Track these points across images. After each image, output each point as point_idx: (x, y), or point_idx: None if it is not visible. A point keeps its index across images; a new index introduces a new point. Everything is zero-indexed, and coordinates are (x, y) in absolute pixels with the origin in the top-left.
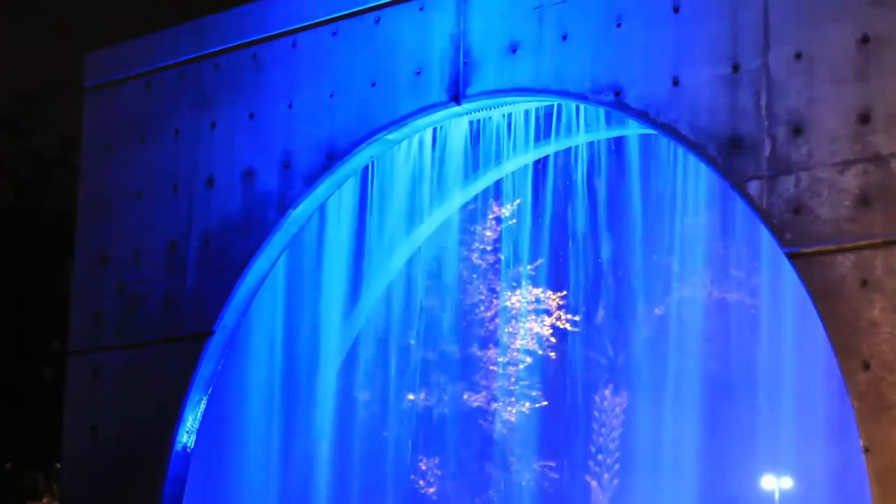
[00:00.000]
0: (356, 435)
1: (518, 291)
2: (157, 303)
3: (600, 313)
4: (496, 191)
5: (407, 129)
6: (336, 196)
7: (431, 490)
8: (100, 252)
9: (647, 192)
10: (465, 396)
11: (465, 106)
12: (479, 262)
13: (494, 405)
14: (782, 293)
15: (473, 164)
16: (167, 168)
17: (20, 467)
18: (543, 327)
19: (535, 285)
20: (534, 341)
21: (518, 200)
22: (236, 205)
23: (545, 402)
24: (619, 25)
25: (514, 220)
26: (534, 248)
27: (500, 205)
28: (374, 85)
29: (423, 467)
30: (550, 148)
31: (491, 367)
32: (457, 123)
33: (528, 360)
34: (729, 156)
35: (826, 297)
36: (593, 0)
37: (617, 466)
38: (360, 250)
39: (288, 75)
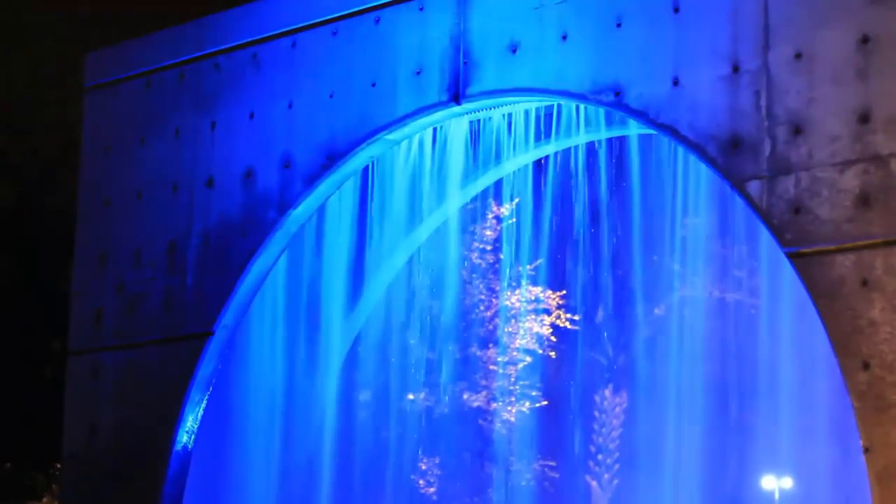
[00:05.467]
0: (356, 435)
1: (518, 291)
2: (157, 303)
3: (600, 313)
4: (496, 191)
5: (407, 129)
6: (336, 196)
7: (431, 490)
8: (100, 252)
9: (647, 192)
10: (465, 396)
11: (465, 106)
12: (479, 262)
13: (494, 405)
14: (782, 293)
15: (473, 164)
16: (167, 168)
17: (20, 467)
18: (543, 327)
19: (535, 285)
20: (534, 341)
21: (518, 200)
22: (236, 205)
23: (545, 402)
24: (619, 25)
25: (514, 220)
26: (534, 248)
27: (500, 205)
28: (374, 85)
29: (423, 467)
30: (550, 148)
31: (491, 367)
32: (457, 123)
33: (528, 359)
34: (729, 156)
35: (826, 297)
36: (593, 0)
37: (617, 466)
38: (360, 250)
39: (288, 75)
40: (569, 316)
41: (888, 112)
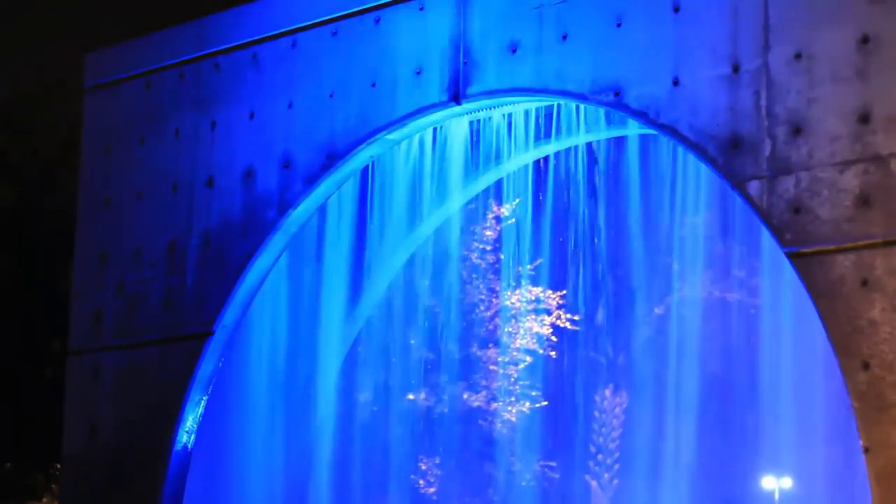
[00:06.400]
0: (356, 435)
1: (518, 291)
2: (157, 303)
3: (600, 313)
4: (496, 191)
5: (407, 129)
6: (336, 196)
7: (431, 490)
8: (100, 252)
9: (647, 192)
10: (465, 396)
11: (465, 106)
12: (479, 262)
13: (494, 405)
14: (782, 293)
15: (473, 164)
16: (167, 168)
17: (20, 467)
18: (543, 327)
19: (535, 285)
20: (534, 341)
21: (518, 200)
22: (236, 205)
23: (545, 402)
24: (619, 25)
25: (514, 220)
26: (534, 248)
27: (500, 205)
28: (374, 85)
29: (423, 467)
30: (550, 148)
31: (491, 367)
32: (457, 123)
33: (529, 359)
34: (729, 156)
35: (826, 297)
36: (593, 0)
37: (617, 466)
38: (360, 250)
39: (288, 75)
40: (569, 316)
41: (888, 112)
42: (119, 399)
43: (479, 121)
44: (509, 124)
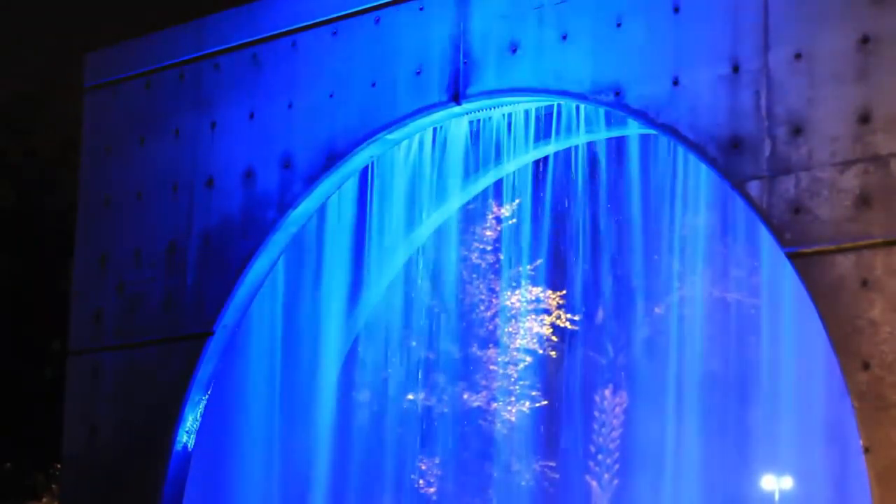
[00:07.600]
0: (356, 435)
1: (518, 291)
2: (157, 303)
3: (600, 313)
4: (496, 191)
5: (407, 128)
6: (336, 196)
7: (431, 490)
8: (100, 252)
9: (647, 192)
10: (465, 396)
11: (465, 106)
12: (479, 262)
13: (494, 405)
14: (782, 293)
15: (473, 164)
16: (167, 168)
17: (20, 467)
18: (543, 327)
19: (535, 285)
20: (534, 341)
21: (518, 200)
22: (236, 205)
23: (545, 402)
24: (619, 25)
25: (514, 220)
26: (534, 248)
27: (500, 205)
28: (374, 85)
29: (423, 467)
30: (550, 148)
31: (491, 367)
32: (457, 123)
33: (528, 359)
34: (729, 156)
35: (826, 297)
36: (593, 0)
37: (617, 466)
38: (360, 250)
39: (288, 75)
40: (569, 316)
41: (888, 112)
42: (119, 399)
43: (479, 121)
44: (509, 124)
